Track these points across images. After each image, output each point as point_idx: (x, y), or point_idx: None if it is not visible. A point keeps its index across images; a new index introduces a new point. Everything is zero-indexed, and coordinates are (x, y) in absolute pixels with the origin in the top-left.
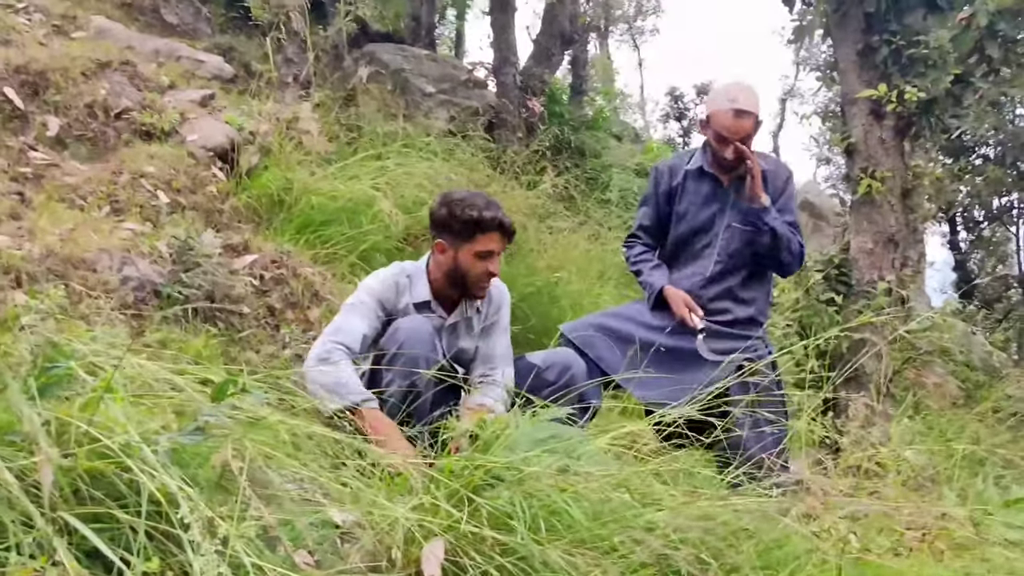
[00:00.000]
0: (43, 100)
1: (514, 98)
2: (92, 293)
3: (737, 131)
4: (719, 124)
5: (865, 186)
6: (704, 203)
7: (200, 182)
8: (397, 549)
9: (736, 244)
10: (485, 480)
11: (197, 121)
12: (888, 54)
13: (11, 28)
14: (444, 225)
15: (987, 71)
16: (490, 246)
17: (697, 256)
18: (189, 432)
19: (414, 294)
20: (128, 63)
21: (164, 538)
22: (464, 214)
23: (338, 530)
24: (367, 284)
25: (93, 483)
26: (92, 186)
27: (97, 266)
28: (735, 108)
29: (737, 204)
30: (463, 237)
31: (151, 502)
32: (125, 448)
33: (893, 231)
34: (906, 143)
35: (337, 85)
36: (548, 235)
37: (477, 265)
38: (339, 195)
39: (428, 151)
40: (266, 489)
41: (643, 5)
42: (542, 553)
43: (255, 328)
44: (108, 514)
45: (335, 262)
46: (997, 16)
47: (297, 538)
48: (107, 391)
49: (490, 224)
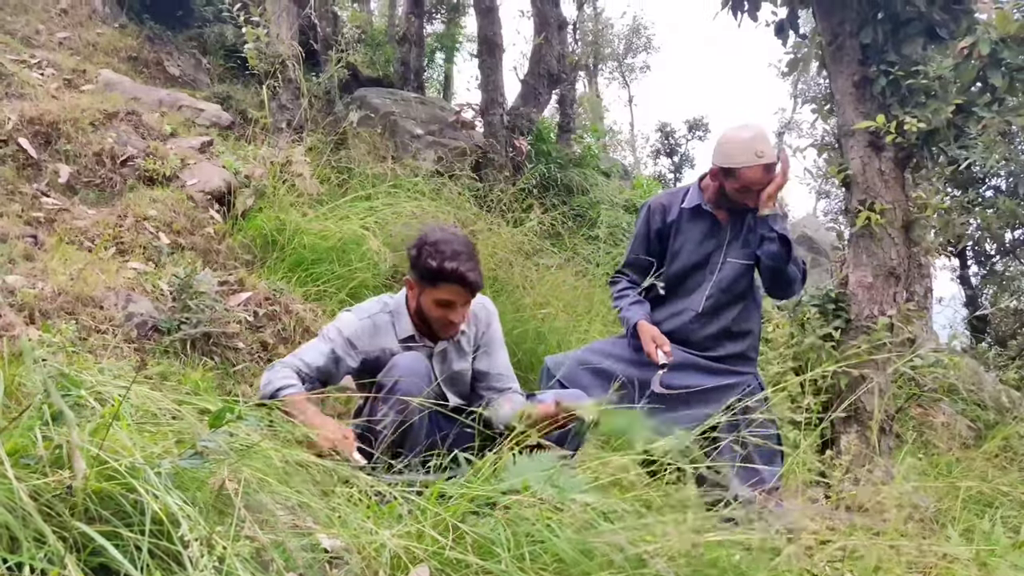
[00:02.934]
0: (55, 149)
1: (501, 138)
2: (99, 329)
3: (765, 183)
4: (748, 179)
5: (864, 218)
6: (701, 241)
7: (199, 224)
8: (383, 573)
9: (730, 279)
10: (470, 508)
11: (196, 166)
12: (886, 85)
13: (25, 83)
14: (413, 265)
15: (991, 100)
16: (449, 297)
17: (689, 292)
18: (188, 457)
19: (399, 330)
20: (133, 113)
21: (165, 555)
22: (427, 261)
23: (327, 555)
24: (345, 319)
25: (101, 503)
26: (99, 229)
27: (104, 303)
28: (764, 164)
29: (735, 240)
30: (426, 282)
31: (153, 521)
32: (131, 470)
33: (894, 264)
34: (908, 174)
35: (329, 129)
36: (535, 272)
37: (436, 311)
38: (329, 235)
39: (416, 191)
40: (259, 512)
41: (633, 43)
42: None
43: (249, 362)
44: (114, 532)
45: (325, 299)
46: (1000, 44)
47: (288, 560)
48: (115, 418)
49: (451, 276)
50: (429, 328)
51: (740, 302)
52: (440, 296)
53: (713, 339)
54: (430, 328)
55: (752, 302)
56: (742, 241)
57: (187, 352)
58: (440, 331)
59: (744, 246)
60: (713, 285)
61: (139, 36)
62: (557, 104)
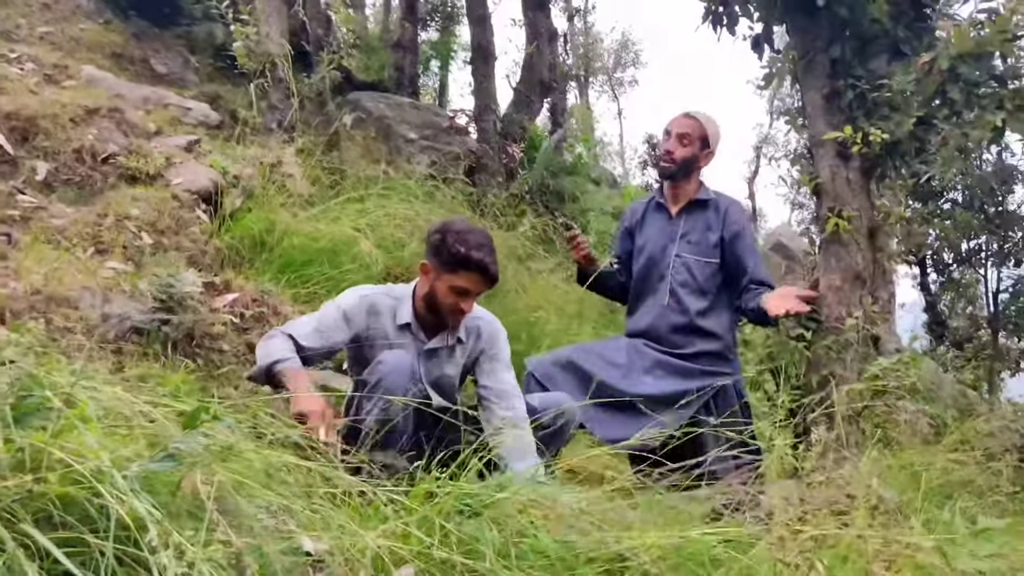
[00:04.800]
0: (32, 145)
1: (494, 144)
2: (73, 329)
3: (678, 124)
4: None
5: (833, 225)
6: (657, 235)
7: (184, 224)
8: (365, 573)
9: (685, 275)
10: (456, 507)
11: (182, 165)
12: (853, 98)
13: (3, 77)
14: (434, 250)
15: (949, 114)
16: (468, 285)
17: (655, 289)
18: (160, 459)
19: (398, 316)
20: (116, 110)
21: (133, 563)
22: (453, 247)
23: (310, 558)
24: (345, 296)
25: (65, 509)
26: (78, 228)
27: (79, 304)
28: (685, 111)
29: (685, 235)
30: (446, 268)
31: (121, 527)
32: (96, 474)
33: (860, 269)
34: (872, 184)
35: (320, 131)
36: (527, 276)
37: (450, 297)
38: (320, 236)
39: (409, 194)
40: (235, 517)
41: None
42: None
43: (234, 364)
44: (78, 538)
45: (315, 301)
46: (958, 60)
47: (266, 566)
48: (82, 420)
49: (475, 265)
50: (432, 317)
51: (704, 297)
52: (458, 283)
53: (682, 334)
54: (433, 317)
55: (721, 302)
56: (695, 236)
57: (168, 354)
58: (448, 317)
59: (697, 243)
60: (671, 279)
61: (124, 33)
62: (549, 113)
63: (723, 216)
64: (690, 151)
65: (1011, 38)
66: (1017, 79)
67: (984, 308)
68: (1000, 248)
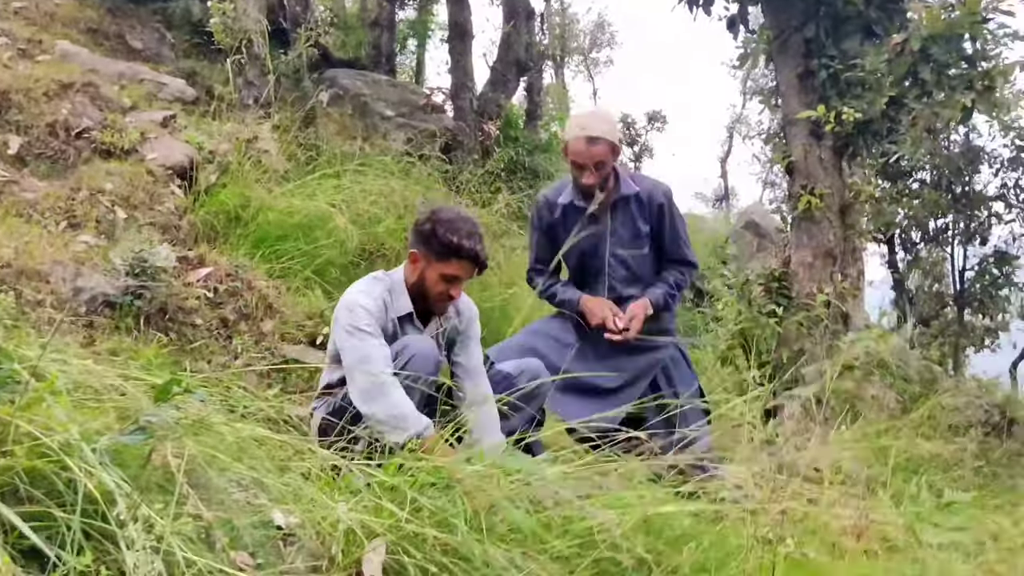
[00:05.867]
0: (5, 119)
1: (470, 122)
2: (44, 303)
3: (589, 157)
4: (572, 152)
5: (805, 202)
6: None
7: (158, 199)
8: (337, 547)
9: (622, 271)
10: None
11: (157, 140)
12: (827, 77)
13: None
14: (424, 239)
15: (920, 93)
16: (459, 272)
17: (592, 284)
18: (130, 432)
19: (397, 307)
20: (91, 85)
21: (102, 536)
22: (444, 236)
23: (280, 531)
24: (361, 305)
25: (32, 483)
26: (50, 202)
27: (51, 277)
28: (586, 135)
29: (616, 232)
30: (437, 256)
31: (89, 501)
32: (65, 447)
33: (831, 246)
34: (844, 162)
35: (297, 107)
36: (501, 252)
37: (440, 285)
38: (295, 212)
39: (385, 170)
40: (206, 490)
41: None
42: (483, 552)
43: (207, 339)
44: (46, 512)
45: (290, 276)
46: (929, 40)
47: (236, 539)
48: (51, 392)
49: (466, 254)
50: (422, 304)
51: (639, 283)
52: (449, 271)
53: None
54: (423, 304)
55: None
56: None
57: (141, 328)
58: (436, 304)
59: (627, 235)
60: (609, 277)
61: (100, 8)
62: (525, 91)
63: (648, 206)
64: (607, 169)
65: (981, 20)
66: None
67: (950, 286)
68: (966, 227)
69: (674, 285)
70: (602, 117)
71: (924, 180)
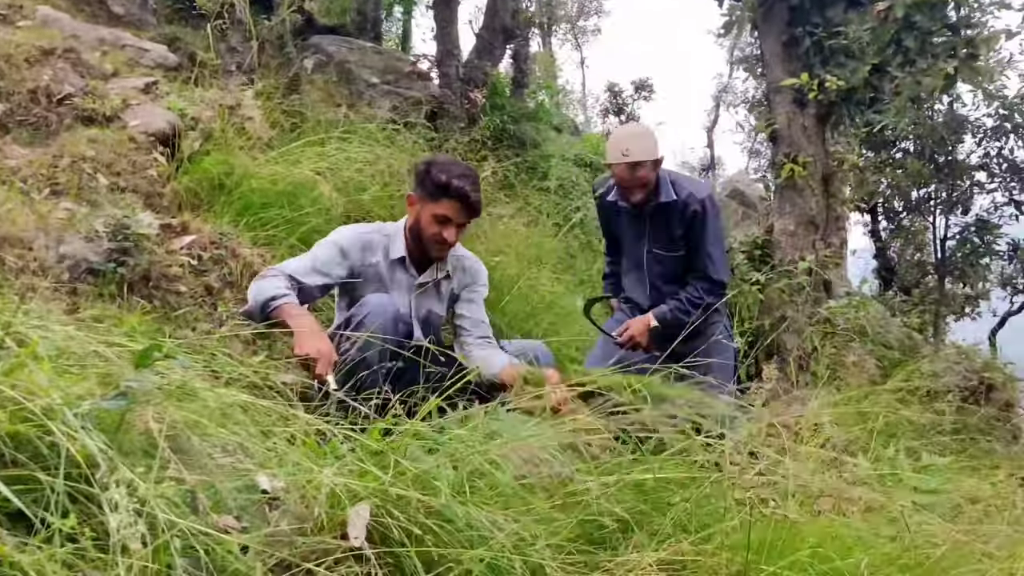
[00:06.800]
0: None
1: (456, 89)
2: (27, 270)
3: (634, 182)
4: (617, 176)
5: (788, 170)
6: (630, 233)
7: (140, 166)
8: (320, 509)
9: (659, 268)
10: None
11: (139, 107)
12: (810, 45)
13: None
14: (419, 180)
15: (903, 61)
16: (449, 213)
17: (637, 277)
18: (112, 397)
19: (391, 250)
20: (72, 51)
21: (86, 500)
22: (436, 176)
23: (265, 496)
24: (339, 231)
25: (15, 447)
26: (32, 169)
27: (33, 244)
28: (627, 162)
29: (652, 234)
30: (430, 196)
31: (72, 465)
32: (47, 411)
33: (813, 214)
34: (827, 131)
35: (280, 74)
36: (488, 221)
37: (432, 226)
38: (280, 179)
39: (370, 138)
40: (188, 455)
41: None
42: (466, 514)
43: (192, 306)
44: (29, 476)
45: (275, 244)
46: (913, 8)
47: (220, 503)
48: (32, 358)
49: (455, 192)
50: (420, 251)
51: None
52: (440, 211)
53: None
54: (421, 250)
55: None
56: (660, 234)
57: (124, 296)
58: (431, 248)
59: (666, 238)
60: (648, 275)
61: None
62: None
63: (683, 213)
64: (651, 184)
65: None
66: (969, 28)
67: (932, 255)
68: (948, 196)
69: (686, 302)
70: (641, 135)
71: (907, 150)
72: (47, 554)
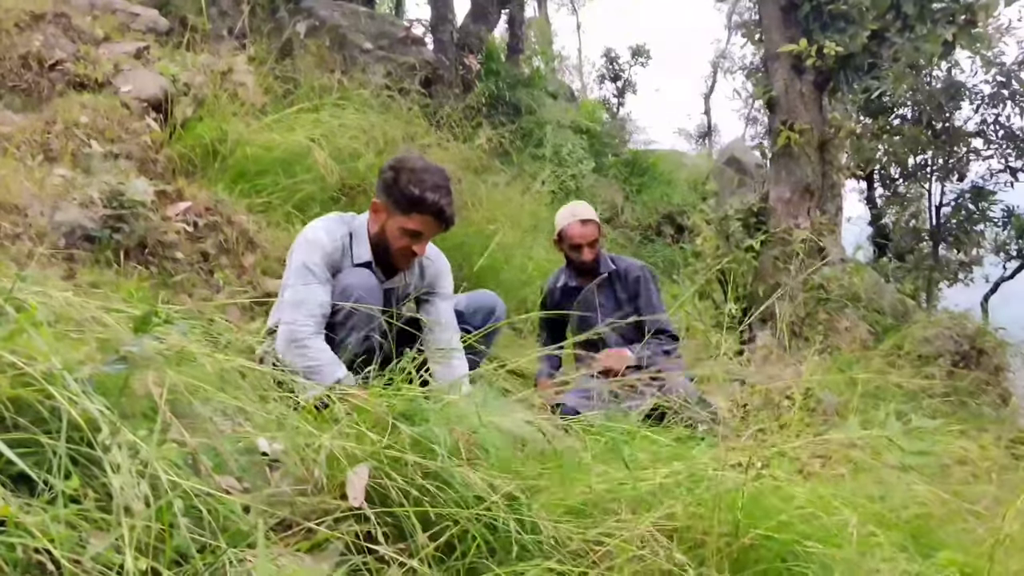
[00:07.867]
0: None
1: (451, 55)
2: (22, 237)
3: (585, 237)
4: (569, 235)
5: (784, 138)
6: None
7: (134, 132)
8: (320, 472)
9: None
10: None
11: (131, 72)
12: (809, 11)
13: None
14: (387, 189)
15: (902, 27)
16: (420, 228)
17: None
18: (112, 362)
19: (356, 254)
20: (63, 15)
21: (88, 462)
22: (407, 188)
23: (266, 458)
24: (319, 243)
25: (17, 411)
26: (25, 135)
27: (28, 211)
28: (578, 219)
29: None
30: (399, 208)
31: (74, 428)
32: (47, 376)
33: (809, 181)
34: (825, 98)
35: (273, 39)
36: (483, 188)
37: (402, 240)
38: (274, 146)
39: (364, 105)
40: (189, 419)
41: None
42: (463, 475)
43: (189, 273)
44: (32, 439)
45: (270, 211)
46: None
47: (221, 465)
48: (31, 324)
49: (429, 208)
50: (385, 257)
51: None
52: (410, 226)
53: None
54: (386, 257)
55: None
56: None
57: (121, 262)
58: (398, 261)
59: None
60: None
61: None
62: (506, 25)
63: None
64: (598, 245)
65: None
66: None
67: (927, 221)
68: (945, 163)
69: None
70: (584, 204)
71: (905, 116)
72: (51, 515)
